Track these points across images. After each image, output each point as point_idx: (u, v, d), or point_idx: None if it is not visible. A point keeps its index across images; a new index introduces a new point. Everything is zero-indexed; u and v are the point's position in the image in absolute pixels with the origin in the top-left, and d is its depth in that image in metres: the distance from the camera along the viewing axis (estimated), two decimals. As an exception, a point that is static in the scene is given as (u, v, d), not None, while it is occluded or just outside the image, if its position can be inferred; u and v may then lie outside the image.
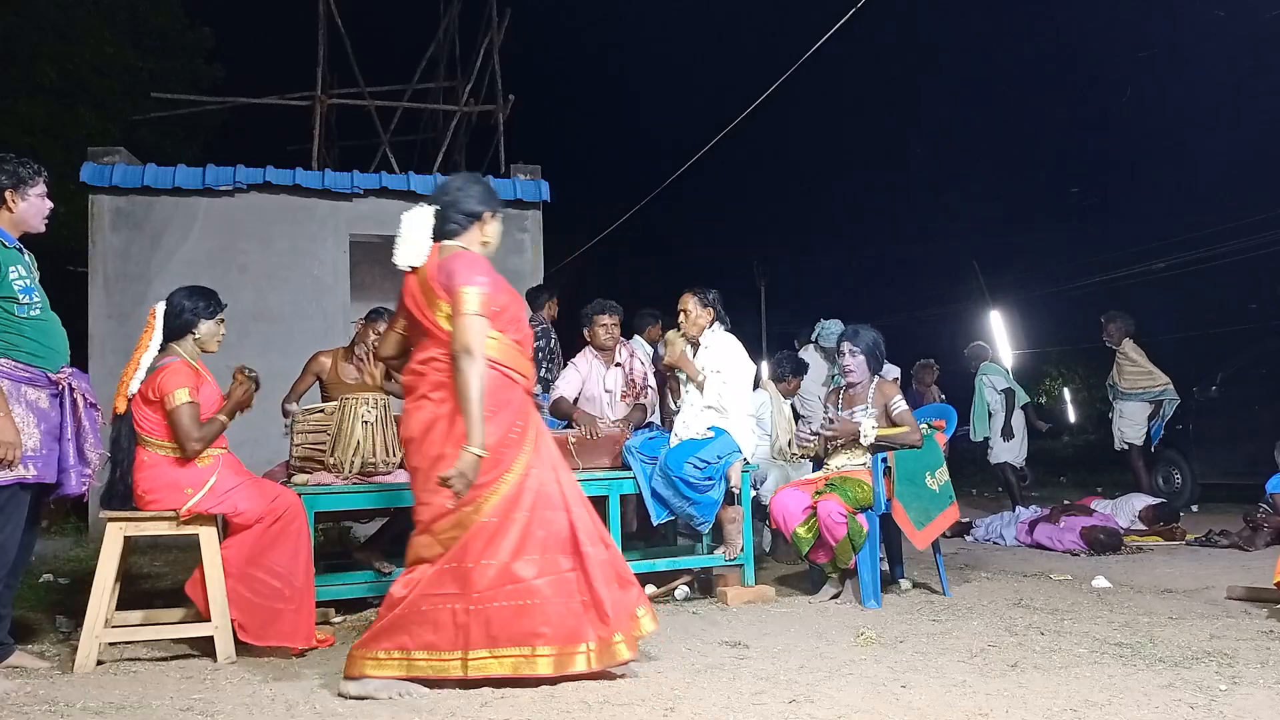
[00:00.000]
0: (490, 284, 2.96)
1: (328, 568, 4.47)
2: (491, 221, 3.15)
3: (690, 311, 4.73)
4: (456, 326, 2.87)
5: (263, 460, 4.93)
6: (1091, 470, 12.96)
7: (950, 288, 21.67)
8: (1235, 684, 2.85)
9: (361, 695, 2.83)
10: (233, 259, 7.41)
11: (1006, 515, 6.79)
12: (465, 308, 2.87)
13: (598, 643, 2.92)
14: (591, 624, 2.94)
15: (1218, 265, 16.98)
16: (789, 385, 6.29)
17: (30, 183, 3.21)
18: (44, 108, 11.09)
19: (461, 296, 2.88)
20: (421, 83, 11.49)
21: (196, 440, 3.43)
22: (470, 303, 2.87)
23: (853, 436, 4.47)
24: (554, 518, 2.99)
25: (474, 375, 2.81)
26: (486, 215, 3.13)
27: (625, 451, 4.60)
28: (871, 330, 4.71)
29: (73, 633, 3.68)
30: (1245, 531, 5.99)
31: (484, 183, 3.21)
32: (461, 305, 2.87)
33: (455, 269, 2.94)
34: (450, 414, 2.91)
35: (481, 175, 3.37)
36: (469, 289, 2.89)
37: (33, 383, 3.12)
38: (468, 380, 2.80)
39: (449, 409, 2.91)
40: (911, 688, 2.88)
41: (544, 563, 2.93)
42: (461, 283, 2.90)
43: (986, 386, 8.14)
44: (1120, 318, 7.84)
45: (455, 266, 2.95)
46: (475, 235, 3.12)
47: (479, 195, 3.13)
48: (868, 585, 4.28)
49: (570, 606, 2.93)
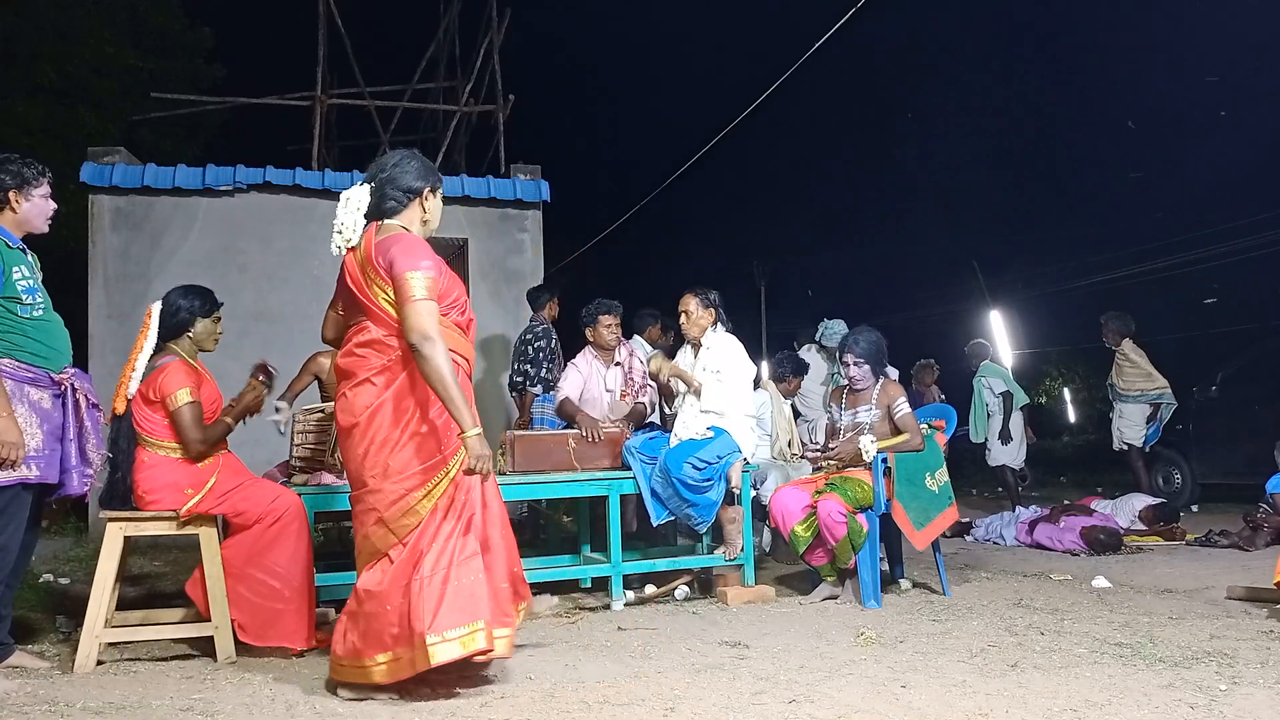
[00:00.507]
0: (434, 267, 2.87)
1: (328, 568, 4.46)
2: (432, 198, 3.08)
3: (692, 312, 4.73)
4: (407, 314, 2.78)
5: (263, 460, 4.93)
6: (1091, 470, 12.96)
7: (950, 288, 21.71)
8: (1235, 684, 2.85)
9: (359, 696, 2.82)
10: (233, 259, 7.41)
11: (1006, 515, 6.78)
12: (414, 293, 2.78)
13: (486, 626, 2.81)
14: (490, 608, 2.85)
15: (1218, 265, 16.99)
16: (789, 385, 6.30)
17: (35, 183, 3.21)
18: (44, 108, 11.09)
19: (408, 282, 2.79)
20: (421, 83, 11.48)
21: (200, 441, 3.43)
22: (417, 288, 2.78)
23: (855, 456, 4.46)
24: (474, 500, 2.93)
25: (440, 358, 2.74)
26: (426, 191, 3.05)
27: (625, 451, 4.60)
28: (872, 332, 4.71)
29: (73, 633, 3.68)
30: (1245, 531, 5.99)
31: (422, 159, 3.12)
32: (410, 291, 2.78)
33: (395, 255, 2.83)
34: (396, 397, 2.86)
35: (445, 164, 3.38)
36: (413, 274, 2.80)
37: (35, 383, 3.12)
38: (436, 365, 2.74)
39: (394, 392, 2.86)
40: (911, 688, 2.88)
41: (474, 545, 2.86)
42: (405, 268, 2.80)
43: (985, 389, 8.13)
44: (1119, 318, 7.84)
45: (395, 253, 2.84)
46: (415, 213, 3.05)
47: (417, 170, 3.05)
48: (868, 585, 4.28)
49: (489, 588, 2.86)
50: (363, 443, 2.87)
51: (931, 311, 21.07)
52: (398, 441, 2.83)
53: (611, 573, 4.35)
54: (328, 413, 4.18)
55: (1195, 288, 17.81)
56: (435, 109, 11.52)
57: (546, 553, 5.29)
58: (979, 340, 8.73)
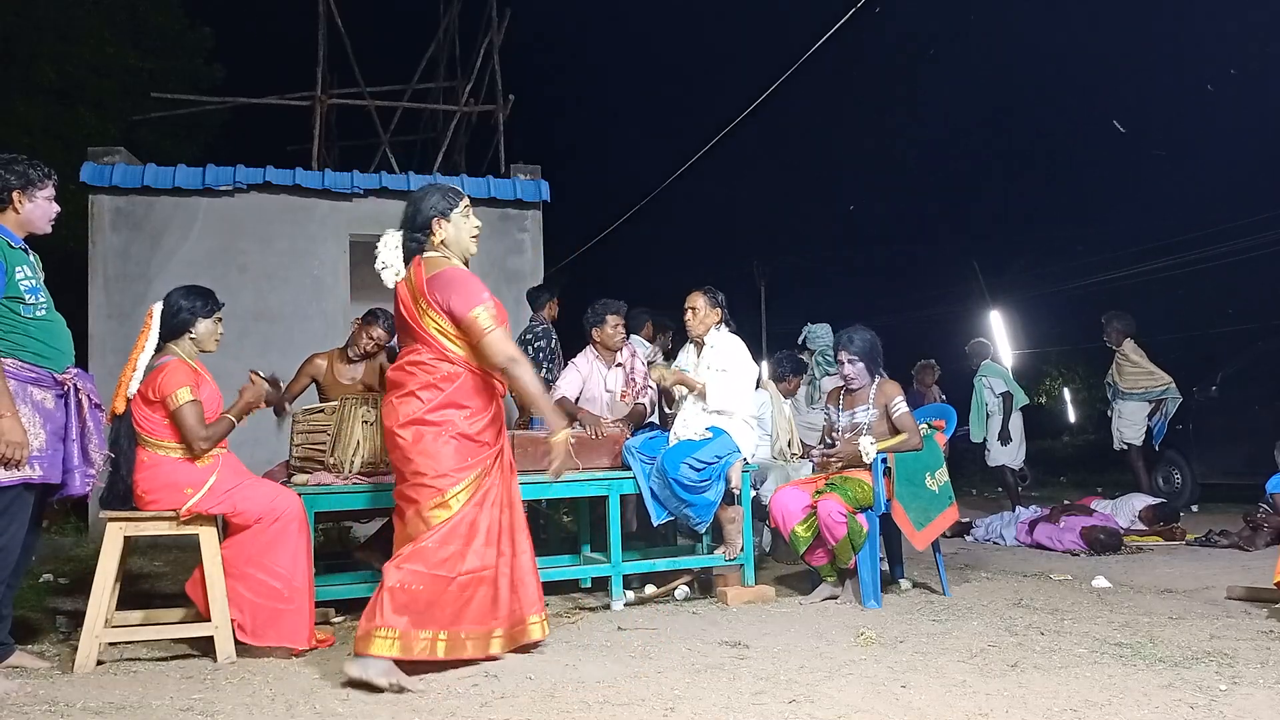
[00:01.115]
0: (489, 296, 3.21)
1: (328, 568, 4.47)
2: (443, 223, 3.31)
3: (699, 309, 4.73)
4: (486, 346, 3.15)
5: (263, 460, 4.93)
6: (1091, 470, 12.96)
7: (950, 288, 21.71)
8: (1235, 684, 2.86)
9: (360, 679, 2.91)
10: (233, 259, 7.41)
11: (1006, 515, 6.78)
12: (485, 327, 3.14)
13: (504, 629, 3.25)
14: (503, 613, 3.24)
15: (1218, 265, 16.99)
16: (789, 385, 6.31)
17: (39, 185, 3.21)
18: (43, 108, 11.09)
19: (476, 322, 3.14)
20: (421, 83, 11.48)
21: (203, 439, 3.43)
22: (485, 322, 3.15)
23: (854, 457, 4.46)
24: (496, 514, 3.26)
25: (528, 376, 3.21)
26: (435, 222, 3.30)
27: (625, 451, 4.60)
28: (865, 331, 4.70)
29: (73, 633, 3.68)
30: (1245, 531, 5.99)
31: (434, 190, 3.37)
32: (481, 327, 3.14)
33: (453, 300, 3.16)
34: (435, 409, 3.18)
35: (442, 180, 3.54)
36: (477, 311, 3.14)
37: (38, 383, 3.12)
38: (525, 384, 3.21)
39: (434, 405, 3.18)
40: (911, 688, 2.88)
41: (492, 553, 3.20)
42: (466, 309, 3.14)
43: (985, 389, 8.13)
44: (1120, 318, 7.84)
45: (452, 296, 3.17)
46: (436, 241, 3.31)
47: (428, 205, 3.31)
48: (868, 585, 4.28)
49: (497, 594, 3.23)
50: (404, 445, 3.20)
51: (931, 312, 21.08)
52: (433, 449, 3.16)
53: (611, 573, 4.35)
54: (328, 412, 4.18)
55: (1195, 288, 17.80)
56: (435, 109, 11.52)
57: (546, 553, 5.29)
58: (980, 340, 8.72)
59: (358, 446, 4.03)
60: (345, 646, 3.33)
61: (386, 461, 4.06)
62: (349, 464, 4.01)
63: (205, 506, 3.42)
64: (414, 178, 7.77)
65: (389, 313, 4.78)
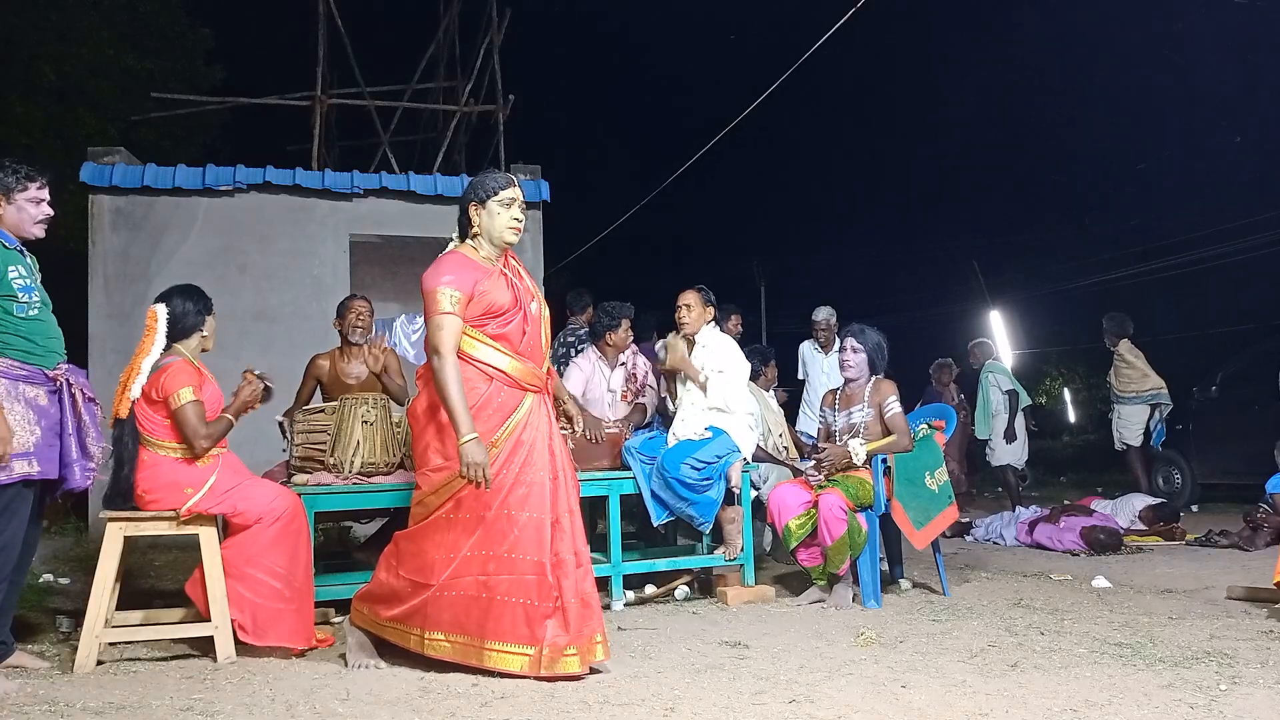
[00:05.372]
0: (455, 282, 3.07)
1: (328, 568, 4.47)
2: (480, 210, 3.23)
3: (693, 307, 4.74)
4: (426, 327, 3.08)
5: (263, 460, 4.92)
6: (1091, 470, 12.95)
7: (950, 288, 21.70)
8: (1235, 684, 2.86)
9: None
10: (233, 259, 7.40)
11: (1006, 515, 6.79)
12: (430, 309, 3.06)
13: (550, 649, 2.97)
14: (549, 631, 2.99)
15: (1218, 265, 16.98)
16: (766, 377, 6.27)
17: (18, 189, 3.15)
18: (43, 109, 11.07)
19: (426, 298, 3.07)
20: (421, 83, 11.49)
21: (204, 438, 3.43)
22: (432, 304, 3.06)
23: (845, 460, 4.45)
24: (532, 519, 3.07)
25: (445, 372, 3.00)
26: (471, 207, 3.24)
27: (625, 452, 4.61)
28: (878, 333, 4.69)
29: (73, 633, 3.68)
30: (1245, 531, 5.99)
31: (483, 175, 3.31)
32: (428, 306, 3.07)
33: (426, 272, 3.12)
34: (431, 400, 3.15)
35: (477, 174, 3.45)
36: (435, 290, 3.05)
37: (30, 380, 3.11)
38: (440, 379, 3.01)
39: (430, 397, 3.15)
40: (911, 688, 2.88)
41: (508, 561, 3.03)
42: (427, 285, 3.08)
43: (992, 386, 8.13)
44: (1113, 319, 7.86)
45: (427, 270, 3.12)
46: (473, 228, 3.25)
47: (470, 190, 3.27)
48: (868, 585, 4.28)
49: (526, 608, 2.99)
50: (414, 433, 3.26)
51: (931, 312, 21.07)
52: (432, 438, 3.16)
53: (611, 573, 4.35)
54: (328, 412, 4.18)
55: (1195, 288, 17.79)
56: (435, 109, 11.53)
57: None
58: (983, 340, 8.75)
59: (358, 447, 4.03)
60: (345, 646, 3.32)
61: (386, 461, 4.07)
62: (349, 464, 4.01)
63: (205, 506, 3.42)
64: (414, 178, 7.75)
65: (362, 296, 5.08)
